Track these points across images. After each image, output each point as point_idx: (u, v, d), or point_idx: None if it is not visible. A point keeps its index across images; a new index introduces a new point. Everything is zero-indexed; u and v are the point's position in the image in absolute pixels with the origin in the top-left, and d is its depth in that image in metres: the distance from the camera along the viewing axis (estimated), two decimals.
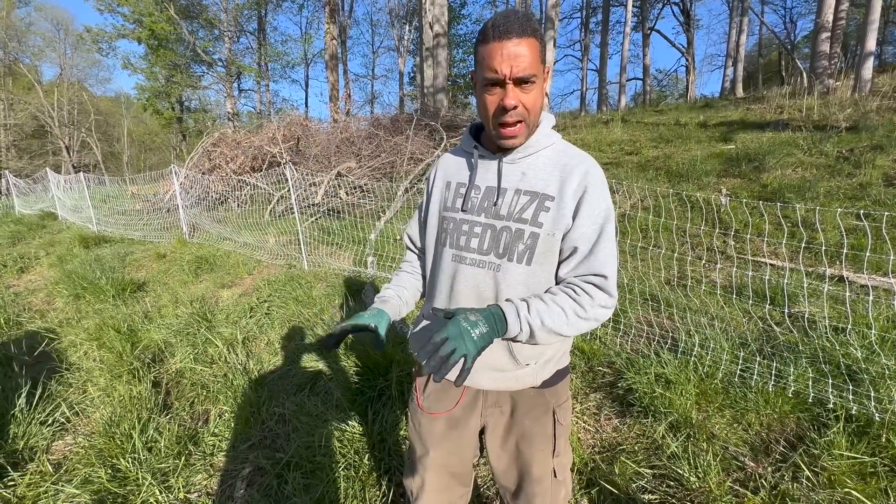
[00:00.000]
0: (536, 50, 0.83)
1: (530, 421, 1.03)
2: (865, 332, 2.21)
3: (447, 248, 1.00)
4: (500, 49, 0.81)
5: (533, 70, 0.82)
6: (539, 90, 0.87)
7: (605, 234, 0.90)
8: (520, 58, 0.81)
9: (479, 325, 0.79)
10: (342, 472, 1.77)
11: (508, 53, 0.81)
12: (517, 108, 0.85)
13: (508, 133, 0.89)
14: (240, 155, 7.88)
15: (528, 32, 0.81)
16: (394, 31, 25.81)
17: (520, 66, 0.81)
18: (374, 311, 1.00)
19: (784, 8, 23.96)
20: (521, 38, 0.81)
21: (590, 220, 0.89)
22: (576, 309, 0.87)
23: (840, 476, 1.54)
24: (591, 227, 0.89)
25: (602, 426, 2.00)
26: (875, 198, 4.06)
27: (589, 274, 0.89)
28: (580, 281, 0.90)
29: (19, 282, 5.15)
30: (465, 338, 0.77)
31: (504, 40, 0.80)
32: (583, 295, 0.88)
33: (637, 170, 6.04)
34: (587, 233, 0.89)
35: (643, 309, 2.87)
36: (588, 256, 0.90)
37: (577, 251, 0.90)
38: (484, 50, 0.84)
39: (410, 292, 1.14)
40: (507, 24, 0.81)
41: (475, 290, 0.96)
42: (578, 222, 0.90)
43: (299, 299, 3.55)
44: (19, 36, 26.14)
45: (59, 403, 2.33)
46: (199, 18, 21.44)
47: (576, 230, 0.90)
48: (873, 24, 7.87)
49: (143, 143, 33.50)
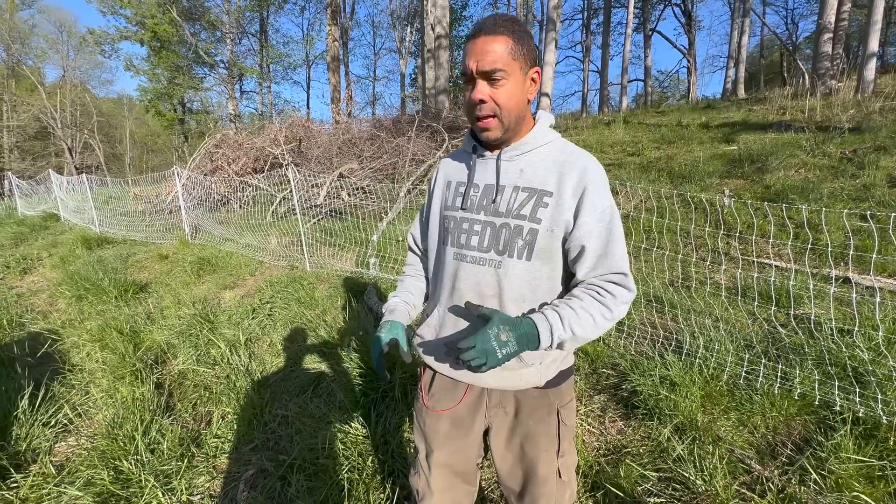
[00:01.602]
0: (507, 46, 0.85)
1: (534, 422, 1.03)
2: (872, 334, 2.19)
3: (448, 247, 1.01)
4: (471, 46, 0.86)
5: (499, 65, 0.84)
6: (513, 86, 0.88)
7: (615, 230, 0.91)
8: (486, 53, 0.84)
9: (509, 347, 0.83)
10: (346, 475, 1.76)
11: (475, 50, 0.85)
12: (486, 102, 0.87)
13: (482, 125, 0.91)
14: (242, 156, 7.89)
15: (498, 31, 0.85)
16: (395, 33, 25.86)
17: (485, 61, 0.84)
18: (388, 326, 1.05)
19: (786, 9, 23.97)
20: (489, 36, 0.85)
21: (594, 218, 0.89)
22: (602, 311, 0.88)
23: (848, 479, 1.52)
24: (597, 224, 0.89)
25: (607, 428, 1.99)
26: (879, 199, 4.04)
27: (609, 273, 0.90)
28: (602, 281, 0.90)
29: (22, 283, 5.16)
30: (489, 355, 0.82)
31: (474, 39, 0.86)
32: (607, 296, 0.89)
33: (639, 171, 6.02)
34: (594, 230, 0.89)
35: (647, 310, 2.86)
36: (604, 256, 0.90)
37: (586, 250, 0.90)
38: (463, 51, 0.90)
39: (416, 296, 1.17)
40: (480, 24, 0.87)
41: (476, 287, 0.97)
42: (582, 220, 0.89)
43: (302, 301, 3.55)
44: (22, 38, 26.21)
45: (61, 405, 2.33)
46: (202, 20, 21.50)
47: (580, 228, 0.90)
48: (876, 25, 7.86)
49: (146, 145, 33.59)
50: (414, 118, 8.53)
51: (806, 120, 7.01)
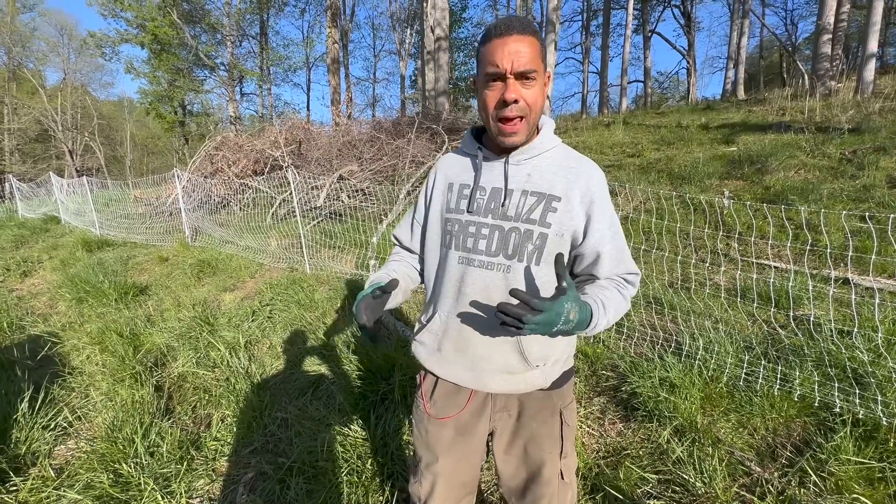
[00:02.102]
0: (537, 48, 0.86)
1: (538, 423, 1.03)
2: (871, 335, 2.19)
3: (453, 251, 1.00)
4: (501, 45, 0.84)
5: (533, 66, 0.85)
6: (539, 88, 0.88)
7: (620, 233, 0.98)
8: (521, 53, 0.83)
9: (568, 325, 0.79)
10: (345, 478, 1.76)
11: (510, 49, 0.83)
12: (518, 102, 0.86)
13: (508, 129, 0.89)
14: (242, 158, 7.91)
15: (528, 31, 0.85)
16: (395, 35, 25.90)
17: (521, 61, 0.84)
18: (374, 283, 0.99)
19: (785, 10, 24.01)
20: (522, 36, 0.84)
21: (606, 226, 0.95)
22: (622, 301, 0.95)
23: (848, 481, 1.52)
24: (608, 231, 0.95)
25: (606, 430, 1.99)
26: (879, 200, 4.04)
27: (626, 273, 0.98)
28: (619, 277, 0.98)
29: (22, 285, 5.17)
30: (547, 326, 0.77)
31: (506, 37, 0.84)
32: (628, 287, 0.98)
33: (639, 172, 6.03)
34: (606, 237, 0.95)
35: (646, 312, 2.86)
36: (620, 257, 0.97)
37: (602, 255, 0.95)
38: (486, 48, 0.87)
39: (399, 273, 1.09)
40: (509, 24, 0.85)
41: (484, 291, 0.96)
42: (595, 228, 0.94)
43: (301, 303, 3.55)
44: (24, 41, 26.33)
45: (61, 408, 2.33)
46: (202, 23, 21.56)
47: (594, 236, 0.94)
48: (875, 26, 7.87)
49: (146, 147, 33.67)
50: (414, 120, 8.53)
51: (805, 121, 7.01)
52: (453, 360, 1.02)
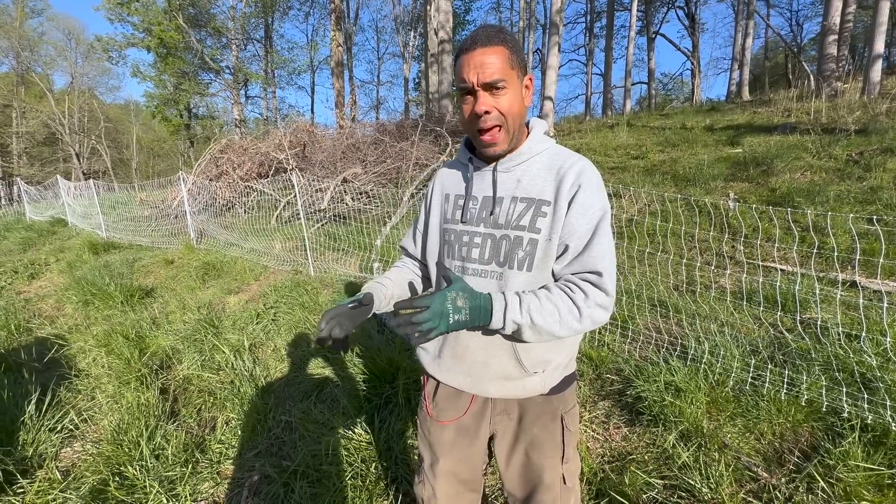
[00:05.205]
0: (504, 56, 0.86)
1: (539, 428, 1.03)
2: (880, 339, 2.17)
3: (450, 260, 1.01)
4: (468, 60, 0.86)
5: (500, 75, 0.86)
6: (513, 94, 0.89)
7: (600, 231, 0.89)
8: (486, 65, 0.85)
9: (462, 314, 0.81)
10: (349, 481, 1.76)
11: (475, 62, 0.86)
12: (490, 112, 0.87)
13: (487, 139, 0.91)
14: (247, 161, 7.95)
15: (493, 42, 0.86)
16: (399, 38, 25.97)
17: (486, 72, 0.85)
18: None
19: (790, 11, 23.85)
20: (485, 47, 0.85)
21: (583, 218, 0.89)
22: (570, 307, 0.85)
23: (856, 488, 1.50)
24: (584, 224, 0.88)
25: (611, 435, 1.98)
26: (887, 202, 4.00)
27: (584, 271, 0.88)
28: (575, 278, 0.89)
29: (30, 288, 5.21)
30: (442, 319, 0.79)
31: (472, 51, 0.86)
32: (578, 292, 0.86)
33: (643, 174, 6.01)
34: (579, 230, 0.88)
35: (651, 315, 2.84)
36: (582, 253, 0.88)
37: (569, 248, 0.89)
38: (457, 64, 0.90)
39: (393, 280, 1.11)
40: (474, 37, 0.87)
41: None
42: (569, 219, 0.89)
43: (305, 305, 3.56)
44: (32, 45, 26.63)
45: (67, 410, 2.35)
46: (207, 27, 21.74)
47: (566, 227, 0.89)
48: (881, 27, 7.82)
49: (152, 150, 33.94)
50: (417, 122, 8.55)
51: (811, 122, 6.97)
52: (452, 366, 1.03)
